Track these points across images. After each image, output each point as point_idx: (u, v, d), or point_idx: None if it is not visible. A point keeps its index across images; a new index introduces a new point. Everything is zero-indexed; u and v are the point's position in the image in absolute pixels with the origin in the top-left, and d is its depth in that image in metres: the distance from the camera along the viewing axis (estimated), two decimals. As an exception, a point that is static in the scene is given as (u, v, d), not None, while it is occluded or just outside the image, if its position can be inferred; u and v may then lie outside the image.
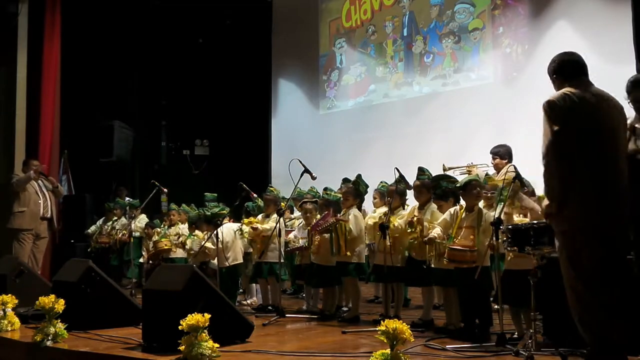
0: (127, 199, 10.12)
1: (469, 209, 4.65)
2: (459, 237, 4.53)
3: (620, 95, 3.60)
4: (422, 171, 5.34)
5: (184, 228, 7.59)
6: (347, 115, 10.74)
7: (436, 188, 5.12)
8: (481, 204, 5.08)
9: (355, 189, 5.66)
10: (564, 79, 3.57)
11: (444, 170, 6.40)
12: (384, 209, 5.71)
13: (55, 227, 7.98)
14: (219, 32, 12.16)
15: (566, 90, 3.46)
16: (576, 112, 3.37)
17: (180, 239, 7.34)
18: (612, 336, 3.25)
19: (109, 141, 11.12)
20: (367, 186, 5.76)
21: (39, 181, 7.67)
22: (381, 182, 6.38)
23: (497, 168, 6.18)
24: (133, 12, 11.40)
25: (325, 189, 6.15)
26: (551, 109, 3.39)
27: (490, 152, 6.33)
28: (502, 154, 6.21)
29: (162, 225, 8.15)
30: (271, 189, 6.68)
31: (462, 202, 4.88)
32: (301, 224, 6.34)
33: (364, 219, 5.78)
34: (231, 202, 6.82)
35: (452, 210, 4.78)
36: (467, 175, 6.08)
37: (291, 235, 6.35)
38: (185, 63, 11.86)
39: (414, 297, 6.29)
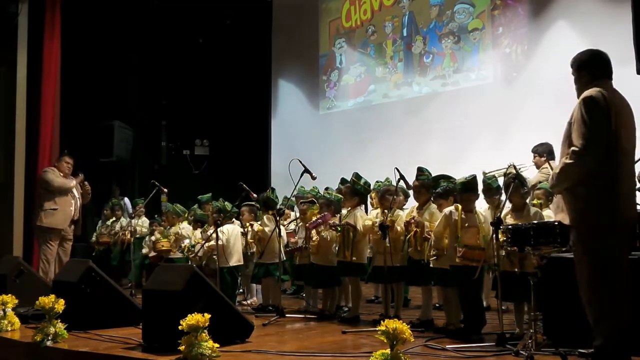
0: (121, 197, 10.12)
1: (469, 210, 4.64)
2: (465, 237, 4.53)
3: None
4: (421, 171, 5.33)
5: (184, 228, 7.58)
6: (346, 115, 10.75)
7: (436, 187, 5.11)
8: (485, 205, 5.08)
9: (352, 189, 5.64)
10: (592, 77, 3.56)
11: (484, 174, 6.13)
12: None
13: (80, 231, 7.70)
14: (219, 32, 12.16)
15: (600, 89, 3.47)
16: (610, 111, 3.41)
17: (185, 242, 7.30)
18: (625, 336, 3.26)
19: (109, 141, 11.12)
20: (365, 183, 5.69)
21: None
22: (377, 181, 6.36)
23: (537, 166, 6.19)
24: (133, 12, 11.40)
25: (327, 188, 6.14)
26: (594, 105, 3.40)
27: (531, 151, 6.34)
28: (541, 152, 6.21)
29: (161, 225, 8.15)
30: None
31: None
32: (299, 225, 6.36)
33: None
34: (231, 202, 6.82)
35: (446, 211, 4.75)
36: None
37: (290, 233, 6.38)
38: (185, 63, 11.86)
39: (414, 297, 6.30)
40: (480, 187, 4.88)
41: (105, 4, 10.79)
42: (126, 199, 10.10)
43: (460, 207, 4.64)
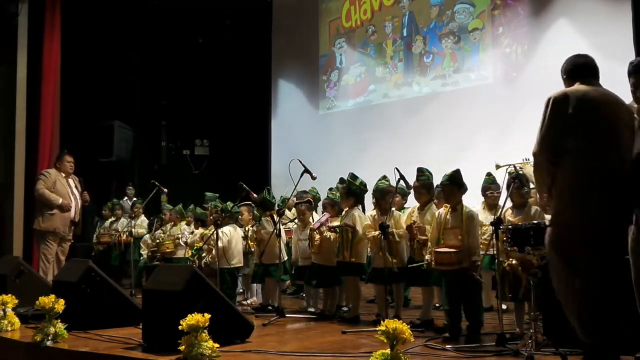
0: (136, 198, 10.12)
1: (453, 207, 4.61)
2: (446, 239, 4.52)
3: (619, 94, 3.58)
4: (421, 172, 5.30)
5: (185, 229, 7.59)
6: (346, 115, 10.75)
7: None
8: (481, 204, 5.07)
9: (347, 189, 5.60)
10: (574, 82, 3.54)
11: (497, 167, 6.01)
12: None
13: (80, 231, 7.64)
14: (219, 32, 12.17)
15: (570, 88, 3.45)
16: (575, 109, 3.34)
17: (184, 238, 7.31)
18: (611, 336, 3.24)
19: (109, 141, 11.13)
20: (361, 183, 5.62)
21: (69, 180, 7.32)
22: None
23: None
24: (133, 12, 11.41)
25: (330, 189, 6.12)
26: (550, 105, 3.38)
27: None
28: None
29: (164, 224, 8.15)
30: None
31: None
32: (296, 225, 6.35)
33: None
34: (231, 202, 6.82)
35: (436, 213, 4.76)
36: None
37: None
38: (185, 63, 11.87)
39: (414, 297, 6.29)
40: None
41: (105, 4, 10.79)
42: None
43: (448, 207, 4.62)
